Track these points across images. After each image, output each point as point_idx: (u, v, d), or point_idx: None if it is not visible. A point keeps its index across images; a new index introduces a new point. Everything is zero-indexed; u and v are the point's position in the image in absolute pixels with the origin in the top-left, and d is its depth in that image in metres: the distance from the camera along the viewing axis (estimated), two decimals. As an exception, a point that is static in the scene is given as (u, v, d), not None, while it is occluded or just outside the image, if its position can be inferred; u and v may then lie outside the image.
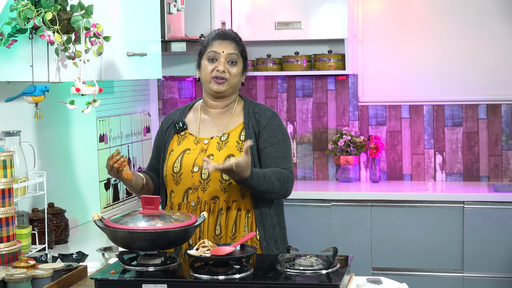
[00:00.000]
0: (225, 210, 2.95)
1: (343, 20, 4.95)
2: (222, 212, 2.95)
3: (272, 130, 3.01)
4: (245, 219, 2.97)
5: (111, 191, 4.13)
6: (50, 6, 2.63)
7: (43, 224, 3.14)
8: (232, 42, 3.02)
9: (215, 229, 2.95)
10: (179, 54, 4.36)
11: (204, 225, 2.94)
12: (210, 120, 3.07)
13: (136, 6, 3.46)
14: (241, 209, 2.96)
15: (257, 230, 2.98)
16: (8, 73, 2.78)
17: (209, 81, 3.02)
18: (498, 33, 5.16)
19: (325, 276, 2.40)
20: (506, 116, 5.15)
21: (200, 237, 2.95)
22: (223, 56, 2.99)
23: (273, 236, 3.01)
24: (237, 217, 2.96)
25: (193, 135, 3.05)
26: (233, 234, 2.95)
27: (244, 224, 2.97)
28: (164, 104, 4.85)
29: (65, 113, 3.64)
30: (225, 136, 3.01)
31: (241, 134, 3.00)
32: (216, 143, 2.99)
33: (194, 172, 2.96)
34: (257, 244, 2.97)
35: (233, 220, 2.96)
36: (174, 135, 3.07)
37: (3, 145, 3.01)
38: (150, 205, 2.56)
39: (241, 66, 3.05)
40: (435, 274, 4.76)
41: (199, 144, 3.01)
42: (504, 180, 5.16)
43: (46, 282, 2.41)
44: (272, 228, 3.01)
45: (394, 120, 5.29)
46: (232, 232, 2.95)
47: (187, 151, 3.00)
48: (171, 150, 3.04)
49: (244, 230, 2.96)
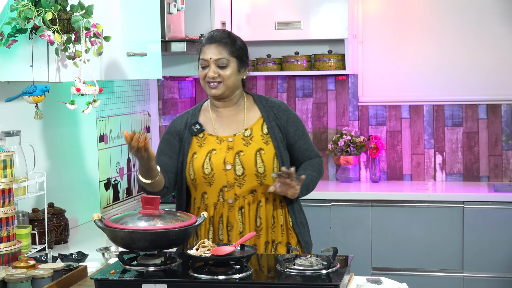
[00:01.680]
0: (264, 202, 3.06)
1: (343, 20, 4.95)
2: (261, 204, 3.06)
3: (294, 123, 3.14)
4: (280, 208, 3.10)
5: (111, 191, 4.13)
6: (50, 6, 2.63)
7: (43, 224, 3.14)
8: (219, 45, 3.05)
9: (256, 221, 3.05)
10: (179, 54, 4.36)
11: (245, 218, 3.04)
12: (224, 119, 3.13)
13: (136, 6, 3.46)
14: (276, 200, 3.09)
15: (290, 217, 3.12)
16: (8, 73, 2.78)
17: (205, 87, 3.09)
18: (498, 33, 5.16)
19: (325, 276, 2.40)
20: (506, 116, 5.15)
21: (242, 231, 3.03)
22: (212, 62, 3.04)
23: (302, 221, 3.17)
24: (274, 207, 3.08)
25: (213, 135, 3.09)
26: (272, 224, 3.08)
27: (280, 213, 3.10)
28: (164, 104, 4.85)
29: (65, 113, 3.64)
30: (248, 132, 3.09)
31: (263, 127, 3.10)
32: (241, 139, 3.07)
33: (227, 170, 3.03)
34: (291, 230, 3.12)
35: (271, 211, 3.08)
36: (192, 138, 3.10)
37: (3, 145, 3.01)
38: (150, 205, 2.56)
39: (235, 65, 3.06)
40: (435, 274, 4.76)
41: (224, 143, 3.07)
42: (504, 180, 5.16)
43: (46, 282, 2.41)
44: (300, 213, 3.17)
45: (394, 120, 5.29)
46: (272, 222, 3.08)
47: (213, 152, 3.05)
48: (193, 153, 3.07)
49: (281, 219, 3.10)
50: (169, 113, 4.93)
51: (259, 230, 3.05)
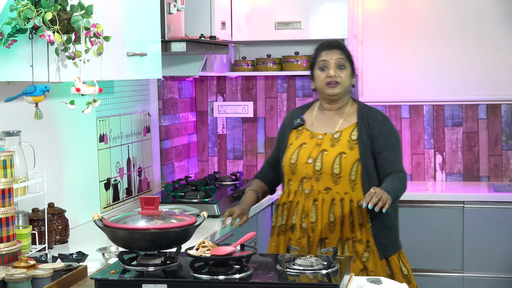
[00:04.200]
0: (339, 200, 3.29)
1: (343, 20, 4.95)
2: (335, 202, 3.30)
3: (386, 134, 3.36)
4: (358, 210, 3.28)
5: (111, 191, 4.13)
6: (50, 6, 2.63)
7: (43, 224, 3.14)
8: (338, 49, 3.42)
9: (329, 217, 3.30)
10: (179, 54, 4.36)
11: (318, 210, 3.31)
12: (324, 119, 3.46)
13: (136, 6, 3.46)
14: (353, 201, 3.29)
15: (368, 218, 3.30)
16: (8, 73, 2.78)
17: (323, 87, 3.40)
18: (498, 33, 5.16)
19: (325, 276, 2.40)
20: (506, 116, 5.15)
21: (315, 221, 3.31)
22: (332, 63, 3.38)
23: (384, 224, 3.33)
24: (351, 207, 3.28)
25: (309, 130, 3.45)
26: (351, 223, 3.29)
27: (358, 213, 3.29)
28: (164, 104, 4.85)
29: (65, 113, 3.64)
30: (338, 134, 3.39)
31: (352, 133, 3.37)
32: (329, 139, 3.38)
33: (308, 163, 3.35)
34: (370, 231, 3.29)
35: (348, 210, 3.28)
36: (292, 130, 3.48)
37: (3, 145, 3.01)
38: (150, 205, 2.56)
39: (350, 69, 3.42)
40: (435, 274, 4.76)
41: (314, 139, 3.41)
42: (504, 180, 5.16)
43: (46, 282, 2.41)
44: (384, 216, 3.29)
45: (394, 120, 5.29)
46: (350, 221, 3.28)
47: (303, 145, 3.41)
48: (290, 144, 3.46)
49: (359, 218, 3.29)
50: (169, 113, 4.93)
51: (332, 226, 3.29)
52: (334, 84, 3.37)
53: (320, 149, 3.36)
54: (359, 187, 3.31)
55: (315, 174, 3.33)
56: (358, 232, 3.28)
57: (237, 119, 5.43)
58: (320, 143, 3.38)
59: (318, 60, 3.43)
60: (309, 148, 3.38)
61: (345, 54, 3.43)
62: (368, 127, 3.36)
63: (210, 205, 3.97)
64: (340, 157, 3.30)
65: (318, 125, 3.45)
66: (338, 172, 3.30)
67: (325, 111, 3.47)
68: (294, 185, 3.40)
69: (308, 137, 3.42)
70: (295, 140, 3.45)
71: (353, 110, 3.44)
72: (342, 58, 3.40)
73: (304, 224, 3.33)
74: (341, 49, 3.44)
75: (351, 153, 3.30)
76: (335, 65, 3.38)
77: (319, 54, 3.44)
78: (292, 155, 3.40)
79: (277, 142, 3.59)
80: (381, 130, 3.36)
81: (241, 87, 5.43)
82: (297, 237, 3.34)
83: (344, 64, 3.40)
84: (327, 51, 3.42)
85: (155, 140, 4.71)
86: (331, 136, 3.38)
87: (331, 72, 3.37)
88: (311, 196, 3.33)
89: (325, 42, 3.50)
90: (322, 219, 3.30)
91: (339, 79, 3.37)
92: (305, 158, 3.36)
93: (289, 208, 3.40)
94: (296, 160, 3.38)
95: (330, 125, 3.43)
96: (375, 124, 3.37)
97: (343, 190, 3.31)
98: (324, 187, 3.32)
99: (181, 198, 4.25)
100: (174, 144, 5.04)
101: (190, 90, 5.34)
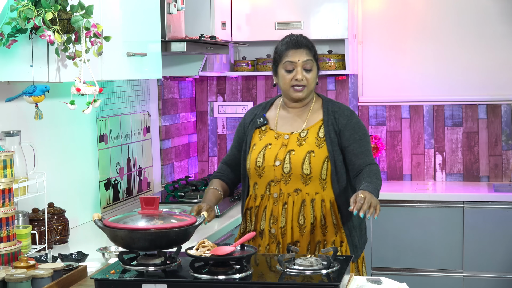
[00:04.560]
0: (309, 202, 3.11)
1: (343, 20, 4.95)
2: (305, 204, 3.11)
3: (352, 128, 3.17)
4: (331, 209, 3.12)
5: (111, 191, 4.13)
6: (50, 6, 2.63)
7: (43, 224, 3.14)
8: (306, 49, 3.18)
9: (299, 219, 3.11)
10: (179, 54, 4.36)
11: (288, 214, 3.11)
12: (289, 117, 3.25)
13: (136, 6, 3.46)
14: (324, 201, 3.12)
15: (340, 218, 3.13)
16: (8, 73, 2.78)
17: (289, 89, 3.18)
18: (498, 33, 5.16)
19: (325, 276, 2.40)
20: (506, 116, 5.15)
21: (285, 225, 3.11)
22: (299, 65, 3.15)
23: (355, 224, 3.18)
24: (322, 207, 3.11)
25: (273, 130, 3.23)
26: (324, 224, 3.11)
27: (331, 214, 3.12)
28: (164, 104, 4.85)
29: (65, 113, 3.64)
30: (305, 132, 3.18)
31: (319, 130, 3.18)
32: (296, 138, 3.17)
33: (276, 166, 3.14)
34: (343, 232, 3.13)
35: (319, 211, 3.11)
36: (255, 129, 3.26)
37: (3, 145, 3.01)
38: (150, 205, 2.56)
39: (316, 70, 3.20)
40: (435, 274, 4.76)
41: (280, 139, 3.19)
42: (504, 180, 5.16)
43: (46, 282, 2.41)
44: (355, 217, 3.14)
45: (394, 120, 5.29)
46: (323, 222, 3.11)
47: (268, 146, 3.19)
48: (253, 144, 3.23)
49: (333, 219, 3.12)
50: (169, 113, 4.93)
51: (303, 229, 3.11)
52: (301, 87, 3.16)
53: (287, 149, 3.14)
54: (329, 186, 3.12)
55: (284, 176, 3.12)
56: (331, 234, 3.11)
57: (237, 119, 5.43)
58: (286, 143, 3.16)
59: (283, 59, 3.17)
60: (275, 149, 3.16)
61: (312, 53, 3.20)
62: (335, 122, 3.17)
63: (210, 205, 3.96)
64: (309, 156, 3.11)
65: (283, 124, 3.24)
66: (309, 172, 3.10)
67: (289, 109, 3.25)
68: (260, 188, 3.17)
69: (273, 137, 3.20)
70: (258, 141, 3.22)
71: (318, 106, 3.24)
72: (310, 59, 3.16)
73: (273, 229, 3.13)
74: (309, 48, 3.20)
75: (319, 151, 3.11)
76: (303, 67, 3.15)
77: (286, 53, 3.17)
78: (257, 157, 3.17)
79: (236, 142, 3.34)
80: (347, 124, 3.16)
81: (241, 87, 5.43)
82: (266, 243, 3.14)
83: (311, 66, 3.17)
84: (294, 51, 3.17)
85: (155, 140, 4.71)
86: (297, 135, 3.18)
87: (298, 77, 3.14)
88: (280, 200, 3.13)
89: (292, 39, 3.22)
90: (292, 222, 3.11)
91: (306, 82, 3.15)
92: (271, 160, 3.14)
93: (256, 213, 3.18)
94: (262, 162, 3.15)
95: (296, 124, 3.22)
96: (341, 119, 3.17)
97: (314, 191, 3.11)
98: (293, 189, 3.12)
99: (181, 198, 4.25)
100: (174, 144, 5.04)
101: (190, 90, 5.34)
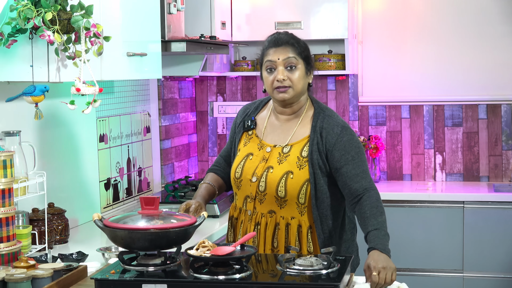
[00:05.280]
0: (284, 226, 2.90)
1: (343, 20, 4.95)
2: (279, 228, 2.91)
3: (343, 148, 2.87)
4: (308, 235, 2.90)
5: (111, 191, 4.13)
6: (50, 6, 2.63)
7: (43, 224, 3.14)
8: (286, 47, 2.90)
9: (273, 242, 2.92)
10: (179, 54, 4.36)
11: (260, 236, 2.93)
12: (277, 126, 3.00)
13: (136, 6, 3.46)
14: (302, 226, 2.90)
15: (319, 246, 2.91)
16: (8, 73, 2.78)
17: (272, 92, 2.93)
18: (498, 33, 5.16)
19: (325, 276, 2.40)
20: (506, 116, 5.15)
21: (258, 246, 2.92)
22: (280, 64, 2.89)
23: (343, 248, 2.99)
24: (299, 233, 2.90)
25: (258, 137, 3.01)
26: (299, 251, 2.87)
27: (308, 241, 2.90)
28: (164, 104, 4.85)
29: (65, 113, 3.64)
30: (287, 148, 2.93)
31: (303, 149, 2.91)
32: (278, 153, 2.93)
33: (252, 182, 2.93)
34: None
35: (295, 237, 2.89)
36: (243, 132, 3.06)
37: (3, 145, 3.01)
38: (150, 205, 2.56)
39: (303, 68, 2.92)
40: (435, 274, 4.76)
41: (262, 151, 2.97)
42: (504, 180, 5.16)
43: (46, 282, 2.41)
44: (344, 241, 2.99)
45: (394, 120, 5.29)
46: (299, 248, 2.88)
47: (250, 156, 2.98)
48: (238, 149, 3.05)
49: (308, 248, 2.89)
50: (169, 113, 4.93)
51: (276, 251, 2.91)
52: (284, 89, 2.88)
53: (266, 165, 2.91)
54: (309, 211, 2.88)
55: (259, 195, 2.91)
56: None
57: (237, 119, 5.43)
58: (267, 158, 2.93)
59: (264, 59, 2.93)
60: (255, 162, 2.94)
61: (298, 51, 2.90)
62: (321, 141, 2.88)
63: (210, 205, 3.97)
64: (286, 178, 2.86)
65: (269, 132, 2.99)
66: (283, 195, 2.86)
67: (278, 115, 3.00)
68: (239, 200, 3.00)
69: (256, 147, 2.98)
70: (243, 147, 3.02)
71: (308, 118, 2.97)
72: (292, 56, 2.88)
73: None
74: (292, 45, 2.90)
75: (299, 173, 2.85)
76: (284, 65, 2.88)
77: (266, 52, 2.93)
78: (237, 168, 2.98)
79: (230, 138, 3.13)
80: (336, 144, 2.86)
81: (241, 87, 5.43)
82: None
83: (294, 64, 2.88)
84: (274, 49, 2.90)
85: (155, 140, 4.71)
86: (280, 149, 2.93)
87: (279, 76, 2.87)
88: (253, 219, 2.93)
89: (273, 37, 2.96)
90: (265, 245, 2.91)
91: (289, 82, 2.88)
92: (249, 174, 2.93)
93: (235, 225, 3.03)
94: (241, 175, 2.96)
95: (282, 135, 2.96)
96: (329, 138, 2.87)
97: (290, 215, 2.89)
98: (267, 210, 2.91)
99: (181, 198, 4.25)
100: (174, 144, 5.04)
101: (190, 90, 5.34)
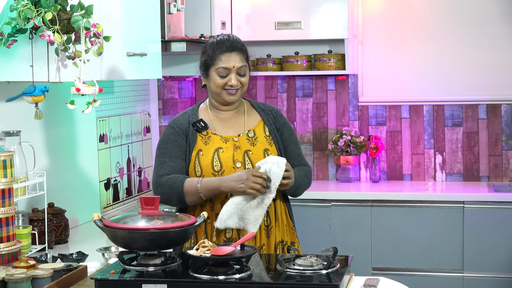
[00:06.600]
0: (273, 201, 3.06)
1: (343, 20, 4.95)
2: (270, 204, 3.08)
3: (289, 128, 3.20)
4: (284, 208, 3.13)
5: (111, 191, 4.13)
6: (50, 6, 2.63)
7: (43, 224, 3.14)
8: (239, 53, 3.05)
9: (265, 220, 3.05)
10: (179, 54, 4.36)
11: None
12: (226, 120, 3.14)
13: (136, 6, 3.46)
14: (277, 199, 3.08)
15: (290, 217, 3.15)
16: (8, 73, 2.78)
17: (221, 92, 3.07)
18: (498, 33, 5.16)
19: (325, 276, 2.40)
20: (506, 116, 5.15)
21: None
22: (234, 71, 3.04)
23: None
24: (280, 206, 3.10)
25: (217, 134, 3.09)
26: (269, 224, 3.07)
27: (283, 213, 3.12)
28: (164, 104, 4.85)
29: (65, 113, 3.64)
30: (252, 133, 3.12)
31: (265, 130, 3.14)
32: (246, 139, 3.10)
33: (237, 167, 3.03)
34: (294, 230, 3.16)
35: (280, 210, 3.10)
36: (196, 135, 3.08)
37: (3, 145, 3.01)
38: (150, 205, 2.56)
39: (248, 72, 3.11)
40: (435, 274, 4.76)
41: (230, 142, 3.08)
42: (504, 180, 5.16)
43: (46, 282, 2.41)
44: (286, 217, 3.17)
45: (394, 120, 5.29)
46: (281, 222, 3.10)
47: (220, 150, 3.06)
48: (198, 150, 3.05)
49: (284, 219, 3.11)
50: (169, 113, 4.93)
51: (269, 229, 3.04)
52: (235, 91, 3.06)
53: (242, 150, 3.06)
54: None
55: None
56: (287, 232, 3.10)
57: (237, 119, 5.43)
58: (239, 145, 3.06)
59: (217, 64, 3.03)
60: (229, 152, 3.05)
61: (246, 55, 3.08)
62: (275, 120, 3.16)
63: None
64: (267, 154, 3.06)
65: (223, 127, 3.12)
66: None
67: (221, 112, 3.13)
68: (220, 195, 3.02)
69: (220, 141, 3.07)
70: (205, 146, 3.05)
71: (249, 107, 3.19)
72: (244, 65, 3.05)
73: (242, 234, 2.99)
74: (243, 51, 3.07)
75: (272, 149, 3.10)
76: (237, 72, 3.04)
77: (219, 57, 3.02)
78: (212, 162, 3.02)
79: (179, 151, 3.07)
80: (285, 124, 3.18)
81: (241, 87, 5.42)
82: None
83: (245, 70, 3.06)
84: (228, 55, 3.02)
85: (155, 140, 4.71)
86: (245, 136, 3.10)
87: (233, 82, 3.02)
88: None
89: (224, 40, 3.06)
90: None
91: (240, 85, 3.05)
92: (230, 162, 3.02)
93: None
94: (221, 166, 3.01)
95: (237, 126, 3.12)
96: (278, 118, 3.17)
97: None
98: None
99: (181, 198, 4.25)
100: (174, 144, 5.03)
101: (190, 90, 5.34)
